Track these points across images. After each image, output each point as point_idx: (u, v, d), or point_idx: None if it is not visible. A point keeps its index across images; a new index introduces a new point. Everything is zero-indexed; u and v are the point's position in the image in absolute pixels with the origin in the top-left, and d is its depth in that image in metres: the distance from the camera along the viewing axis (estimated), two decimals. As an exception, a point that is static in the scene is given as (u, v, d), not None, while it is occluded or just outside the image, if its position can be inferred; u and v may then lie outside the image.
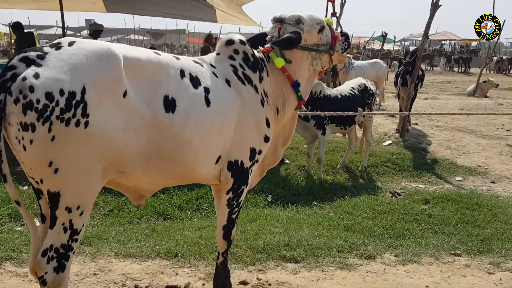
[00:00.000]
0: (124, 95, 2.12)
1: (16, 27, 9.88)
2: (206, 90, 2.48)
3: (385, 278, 3.67)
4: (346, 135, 7.53)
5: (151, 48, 12.67)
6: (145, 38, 38.59)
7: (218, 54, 2.74)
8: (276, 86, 2.88)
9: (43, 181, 2.06)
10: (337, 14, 3.27)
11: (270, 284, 3.45)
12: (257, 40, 2.92)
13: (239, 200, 2.82)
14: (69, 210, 2.10)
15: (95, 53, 2.07)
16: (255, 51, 2.81)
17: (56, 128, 1.95)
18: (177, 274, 3.52)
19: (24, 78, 1.91)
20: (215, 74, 2.60)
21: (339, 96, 6.74)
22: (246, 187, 2.81)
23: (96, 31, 8.96)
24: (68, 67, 1.98)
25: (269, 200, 5.76)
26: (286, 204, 5.64)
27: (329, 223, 4.94)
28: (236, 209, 2.84)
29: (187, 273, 3.53)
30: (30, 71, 1.93)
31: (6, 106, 1.91)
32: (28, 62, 1.96)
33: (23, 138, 1.95)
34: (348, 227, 4.83)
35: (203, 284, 3.36)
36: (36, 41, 12.91)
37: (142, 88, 2.22)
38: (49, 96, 1.92)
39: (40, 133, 1.94)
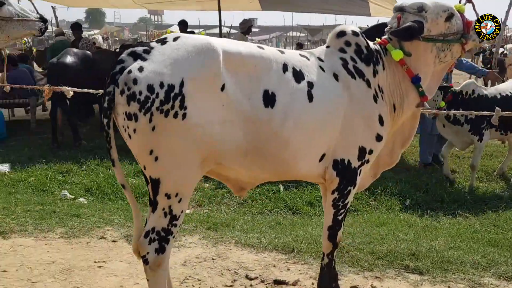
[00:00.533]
0: (222, 88, 2.16)
1: (183, 23, 10.86)
2: (310, 85, 2.39)
3: (525, 306, 3.15)
4: (506, 142, 6.61)
5: (298, 44, 12.89)
6: (302, 34, 39.06)
7: (328, 47, 2.62)
8: (394, 81, 2.65)
9: (145, 167, 2.21)
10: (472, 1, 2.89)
11: (384, 294, 3.23)
12: (374, 31, 2.72)
13: (346, 202, 2.67)
14: (168, 196, 2.23)
15: (196, 48, 2.14)
16: (370, 43, 2.62)
17: (156, 118, 2.08)
18: (288, 269, 3.50)
19: (130, 71, 2.07)
20: (321, 68, 2.49)
21: (499, 96, 5.89)
22: (353, 188, 2.65)
23: (249, 27, 9.39)
24: (170, 61, 2.10)
25: (407, 204, 5.40)
26: (425, 211, 5.22)
27: (472, 235, 4.42)
28: (342, 211, 2.70)
29: (299, 270, 3.49)
30: (135, 65, 2.09)
31: (115, 97, 2.11)
32: (135, 56, 2.12)
33: (128, 127, 2.12)
34: (494, 242, 4.27)
35: (312, 284, 3.28)
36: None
37: (243, 82, 2.24)
38: (150, 88, 2.06)
39: (142, 123, 2.09)
